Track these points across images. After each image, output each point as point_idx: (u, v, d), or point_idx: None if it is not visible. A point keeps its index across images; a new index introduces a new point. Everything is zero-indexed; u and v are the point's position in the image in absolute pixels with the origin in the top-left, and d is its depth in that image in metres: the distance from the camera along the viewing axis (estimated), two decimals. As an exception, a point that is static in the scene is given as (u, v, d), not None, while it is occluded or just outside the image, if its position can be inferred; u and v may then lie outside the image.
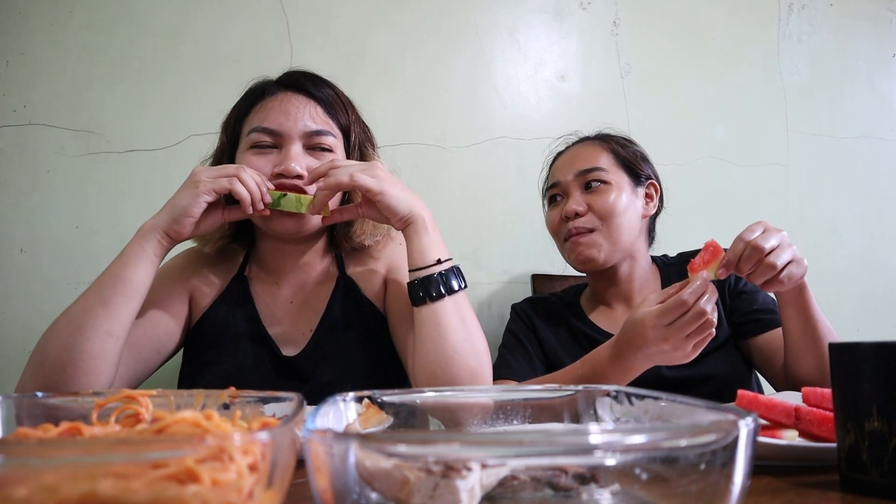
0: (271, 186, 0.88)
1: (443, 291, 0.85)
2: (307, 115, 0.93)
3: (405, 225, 0.87)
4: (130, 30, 1.44)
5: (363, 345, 0.97)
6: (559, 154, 1.22)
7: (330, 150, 0.95)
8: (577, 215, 1.10)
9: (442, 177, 1.55)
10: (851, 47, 1.89)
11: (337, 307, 0.99)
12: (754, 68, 1.80)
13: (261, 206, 0.85)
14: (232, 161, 0.97)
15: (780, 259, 0.80)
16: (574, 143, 1.21)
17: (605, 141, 1.17)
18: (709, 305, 0.77)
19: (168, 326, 0.94)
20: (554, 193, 1.18)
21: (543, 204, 1.26)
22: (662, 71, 1.73)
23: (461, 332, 0.84)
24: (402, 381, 1.00)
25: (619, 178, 1.12)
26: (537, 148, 1.62)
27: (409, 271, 0.87)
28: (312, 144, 0.93)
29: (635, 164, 1.14)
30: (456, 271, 0.88)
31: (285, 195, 0.87)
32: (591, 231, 1.09)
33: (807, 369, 0.93)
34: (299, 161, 0.90)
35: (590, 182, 1.11)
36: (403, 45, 1.57)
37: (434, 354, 0.83)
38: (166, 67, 1.45)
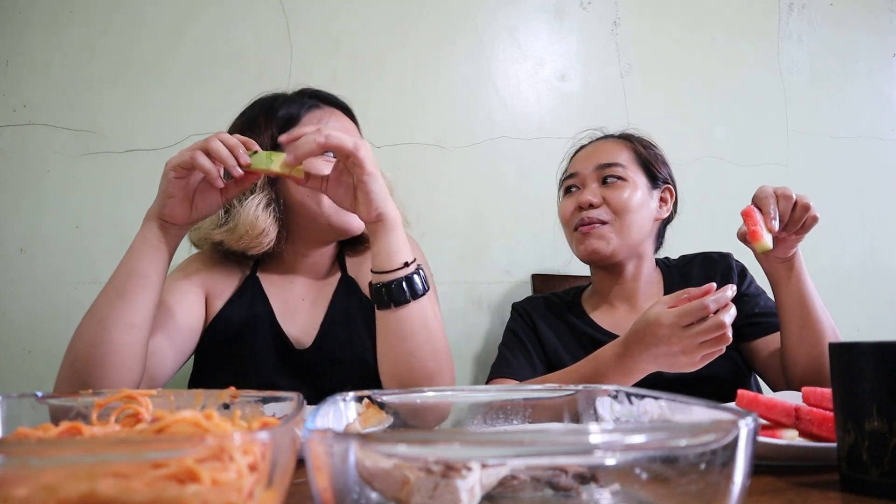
0: (257, 148, 0.83)
1: (408, 297, 0.84)
2: (353, 131, 1.03)
3: (376, 219, 0.84)
4: (130, 30, 1.44)
5: (365, 340, 1.00)
6: (581, 147, 1.22)
7: None
8: (591, 206, 1.10)
9: (442, 177, 1.55)
10: (852, 47, 1.88)
11: (339, 305, 1.03)
12: (754, 68, 1.80)
13: (237, 170, 0.80)
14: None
15: (807, 200, 0.89)
16: (598, 139, 1.22)
17: (629, 140, 1.18)
18: (728, 320, 0.76)
19: (188, 326, 0.96)
20: (570, 184, 1.17)
21: (559, 196, 1.26)
22: (662, 71, 1.73)
23: (422, 335, 0.84)
24: None
25: (636, 176, 1.13)
26: (537, 148, 1.63)
27: (374, 272, 0.85)
28: None
29: (654, 166, 1.15)
30: (420, 273, 0.86)
31: (256, 153, 0.82)
32: (603, 224, 1.10)
33: (804, 359, 0.94)
34: None
35: (607, 177, 1.12)
36: (403, 44, 1.57)
37: (394, 357, 0.85)
38: (166, 67, 1.45)
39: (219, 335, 0.99)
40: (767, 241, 0.87)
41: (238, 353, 0.97)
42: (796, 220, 0.89)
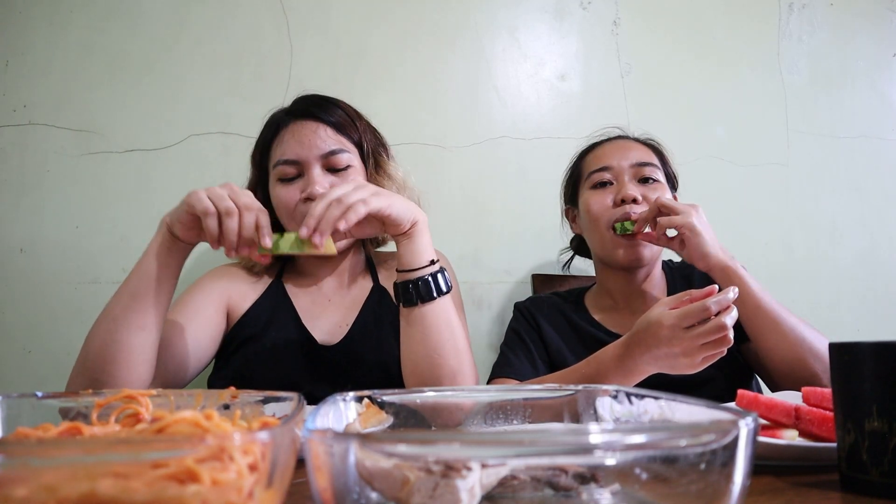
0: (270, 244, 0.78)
1: (434, 294, 0.86)
2: (319, 139, 0.99)
3: (407, 230, 0.87)
4: (130, 29, 1.44)
5: (393, 346, 1.01)
6: (597, 144, 1.21)
7: (349, 167, 1.01)
8: (635, 201, 1.08)
9: (442, 177, 1.55)
10: (852, 47, 1.88)
11: (371, 309, 1.06)
12: (754, 68, 1.80)
13: (232, 253, 0.78)
14: (265, 194, 1.04)
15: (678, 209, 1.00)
16: (617, 137, 1.21)
17: (650, 145, 1.20)
18: (730, 322, 0.76)
19: (206, 332, 0.97)
20: (603, 178, 1.13)
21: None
22: (663, 71, 1.73)
23: (445, 332, 0.87)
24: None
25: (664, 180, 1.15)
26: (537, 148, 1.62)
27: (400, 272, 0.88)
28: (330, 165, 1.00)
29: (672, 174, 1.19)
30: (443, 272, 0.89)
31: (282, 235, 0.79)
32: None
33: (774, 356, 0.96)
34: (321, 182, 0.97)
35: (646, 177, 1.12)
36: (403, 44, 1.57)
37: (417, 355, 0.87)
38: (166, 67, 1.45)
39: (242, 336, 1.01)
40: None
41: (260, 351, 0.99)
42: (647, 217, 1.02)
